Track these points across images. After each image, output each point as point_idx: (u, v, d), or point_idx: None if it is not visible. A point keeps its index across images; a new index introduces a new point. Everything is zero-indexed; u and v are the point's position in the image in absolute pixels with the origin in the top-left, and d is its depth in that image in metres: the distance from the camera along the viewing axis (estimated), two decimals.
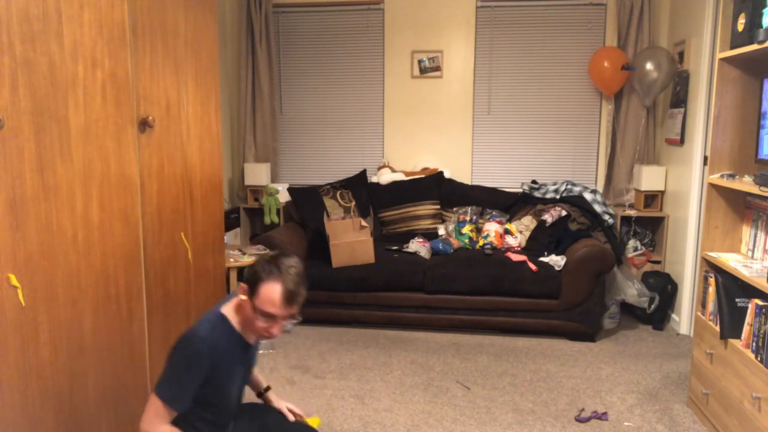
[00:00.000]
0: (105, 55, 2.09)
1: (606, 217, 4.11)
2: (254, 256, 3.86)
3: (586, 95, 4.66)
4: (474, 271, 3.80)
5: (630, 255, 4.36)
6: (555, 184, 4.42)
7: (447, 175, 4.71)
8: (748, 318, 2.41)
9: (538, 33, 4.64)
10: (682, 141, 4.02)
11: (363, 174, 4.79)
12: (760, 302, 2.30)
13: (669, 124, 4.28)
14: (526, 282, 3.74)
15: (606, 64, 4.31)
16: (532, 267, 3.77)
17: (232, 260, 3.75)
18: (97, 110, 2.05)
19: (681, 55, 4.08)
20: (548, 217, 4.13)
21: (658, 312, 3.98)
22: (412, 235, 4.43)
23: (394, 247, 4.20)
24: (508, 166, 4.82)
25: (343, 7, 4.83)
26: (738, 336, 2.50)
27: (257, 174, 4.81)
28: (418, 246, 4.11)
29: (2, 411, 1.67)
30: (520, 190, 4.61)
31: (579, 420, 2.80)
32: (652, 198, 4.44)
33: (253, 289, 1.69)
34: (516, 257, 3.89)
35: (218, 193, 3.05)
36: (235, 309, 1.80)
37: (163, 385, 1.67)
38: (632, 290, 3.84)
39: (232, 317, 1.79)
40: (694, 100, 3.85)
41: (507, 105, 4.76)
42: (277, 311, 1.67)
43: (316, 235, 4.18)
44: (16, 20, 1.68)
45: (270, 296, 1.66)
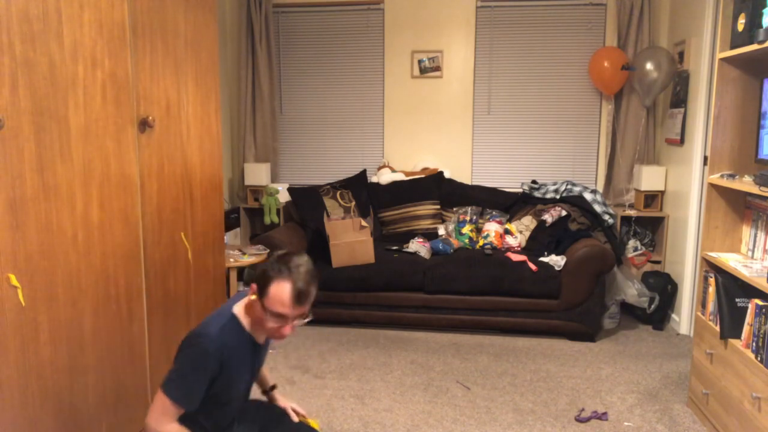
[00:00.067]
0: (105, 55, 2.09)
1: (606, 217, 4.11)
2: (254, 256, 3.86)
3: (586, 95, 4.66)
4: (474, 271, 3.80)
5: (630, 255, 4.36)
6: (555, 184, 4.42)
7: (447, 175, 4.71)
8: (748, 318, 2.41)
9: (538, 33, 4.64)
10: (682, 141, 4.02)
11: (363, 174, 4.79)
12: (760, 302, 2.30)
13: (669, 124, 4.28)
14: (526, 282, 3.74)
15: (606, 64, 4.31)
16: (532, 267, 3.77)
17: (232, 260, 3.76)
18: (97, 110, 2.05)
19: (681, 55, 4.08)
20: (548, 217, 4.13)
21: (658, 312, 3.98)
22: (412, 235, 4.43)
23: (394, 247, 4.20)
24: (508, 166, 4.82)
25: (343, 7, 4.83)
26: (738, 336, 2.50)
27: (257, 174, 4.81)
28: (418, 246, 4.11)
29: (2, 411, 1.67)
30: (520, 190, 4.61)
31: (579, 420, 2.80)
32: (652, 198, 4.44)
33: (263, 289, 1.66)
34: (516, 257, 3.89)
35: (218, 193, 3.05)
36: (245, 309, 1.77)
37: (170, 382, 1.65)
38: (632, 290, 3.84)
39: (243, 317, 1.77)
40: (694, 100, 3.85)
41: (507, 105, 4.76)
42: (286, 311, 1.64)
43: (316, 235, 4.18)
44: (16, 20, 1.68)
45: (279, 296, 1.63)
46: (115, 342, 2.20)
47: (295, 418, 2.00)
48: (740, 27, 2.48)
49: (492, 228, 4.24)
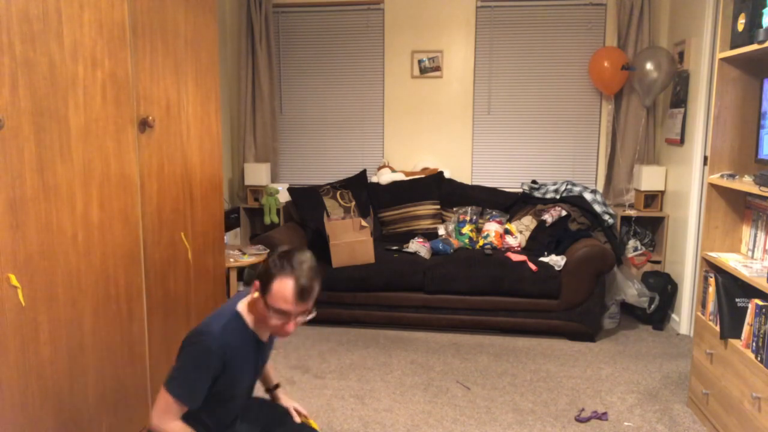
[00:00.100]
0: (105, 55, 2.09)
1: (606, 217, 4.11)
2: (254, 256, 3.86)
3: (586, 95, 4.66)
4: (474, 271, 3.80)
5: (630, 255, 4.36)
6: (555, 184, 4.42)
7: (447, 175, 4.72)
8: (748, 318, 2.41)
9: (538, 33, 4.64)
10: (682, 141, 4.02)
11: (363, 174, 4.79)
12: (760, 302, 2.30)
13: (669, 124, 4.28)
14: (526, 282, 3.74)
15: (606, 64, 4.31)
16: (532, 267, 3.77)
17: (232, 260, 3.76)
18: (97, 110, 2.05)
19: (681, 55, 4.08)
20: (548, 217, 4.13)
21: (658, 312, 3.98)
22: (412, 235, 4.43)
23: (394, 247, 4.20)
24: (508, 166, 4.82)
25: (343, 7, 4.83)
26: (738, 336, 2.50)
27: (257, 174, 4.81)
28: (418, 246, 4.11)
29: (2, 411, 1.67)
30: (520, 190, 4.61)
31: (579, 420, 2.80)
32: (652, 198, 4.44)
33: (265, 286, 1.65)
34: (516, 257, 3.89)
35: (218, 193, 3.05)
36: (249, 307, 1.76)
37: (172, 380, 1.65)
38: (632, 290, 3.84)
39: (246, 315, 1.76)
40: (694, 100, 3.85)
41: (507, 105, 4.76)
42: (289, 308, 1.63)
43: (316, 235, 4.18)
44: (16, 20, 1.68)
45: (282, 292, 1.62)
46: (115, 342, 2.20)
47: (297, 419, 1.99)
48: (740, 27, 2.48)
49: (492, 228, 4.24)
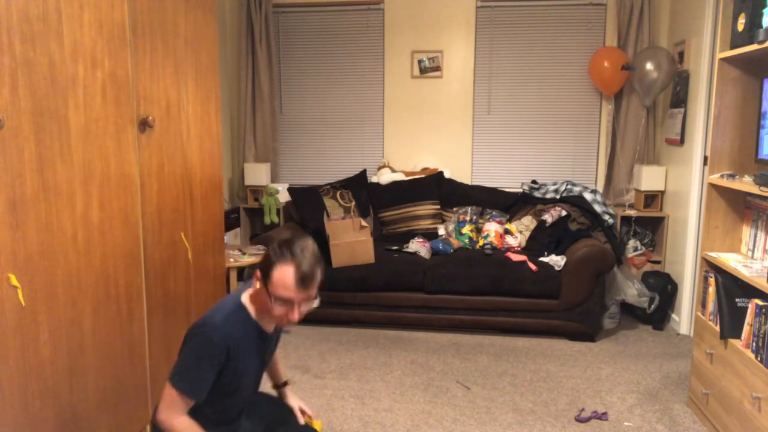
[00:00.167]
0: (105, 55, 2.09)
1: (606, 217, 4.11)
2: (254, 256, 3.86)
3: (586, 95, 4.66)
4: (474, 271, 3.80)
5: (630, 255, 4.36)
6: (555, 184, 4.42)
7: (447, 175, 4.72)
8: (748, 318, 2.41)
9: (538, 33, 4.64)
10: (682, 141, 4.02)
11: (363, 174, 4.79)
12: (760, 302, 2.30)
13: (669, 124, 4.28)
14: (526, 282, 3.74)
15: (606, 64, 4.31)
16: (532, 267, 3.77)
17: (232, 260, 3.76)
18: (97, 110, 2.05)
19: (681, 55, 4.08)
20: (548, 217, 4.13)
21: (658, 312, 3.98)
22: (412, 235, 4.43)
23: (394, 247, 4.20)
24: (508, 166, 4.82)
25: (343, 7, 4.83)
26: (738, 336, 2.50)
27: (257, 174, 4.81)
28: (418, 246, 4.11)
29: (2, 411, 1.67)
30: (520, 190, 4.61)
31: (579, 420, 2.80)
32: (652, 198, 4.44)
33: (266, 275, 1.62)
34: (516, 257, 3.89)
35: (218, 193, 3.05)
36: (251, 298, 1.75)
37: (176, 374, 1.63)
38: (632, 290, 3.84)
39: (249, 306, 1.74)
40: (694, 100, 3.85)
41: (507, 105, 4.76)
42: (291, 295, 1.60)
43: (316, 235, 4.18)
44: (16, 20, 1.68)
45: (283, 279, 1.59)
46: (115, 342, 2.20)
47: (301, 419, 1.98)
48: (740, 27, 2.48)
49: (492, 228, 4.24)
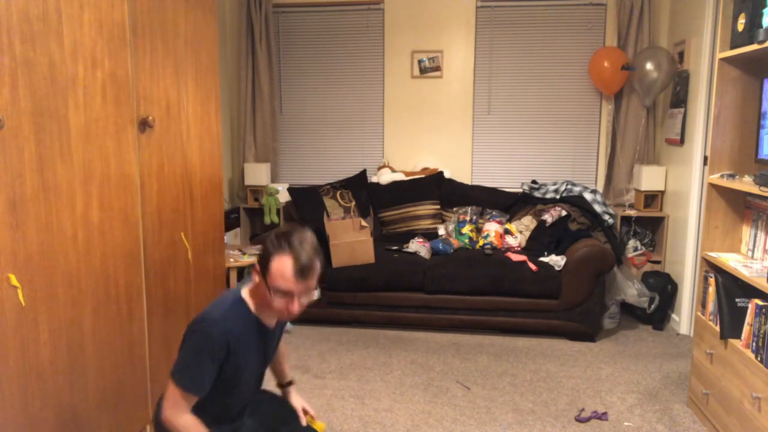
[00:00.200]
0: (105, 55, 2.09)
1: (606, 217, 4.11)
2: (254, 256, 3.86)
3: (586, 95, 4.66)
4: (474, 271, 3.80)
5: (630, 255, 4.36)
6: (555, 184, 4.42)
7: (447, 175, 4.71)
8: (748, 318, 2.41)
9: (538, 33, 4.64)
10: (682, 141, 4.02)
11: (363, 174, 4.79)
12: (760, 302, 2.30)
13: (669, 124, 4.28)
14: (526, 282, 3.74)
15: (606, 64, 4.31)
16: (532, 267, 3.77)
17: (232, 260, 3.76)
18: (97, 110, 2.05)
19: (681, 55, 4.08)
20: (548, 217, 4.13)
21: (658, 312, 3.98)
22: (412, 235, 4.43)
23: (394, 247, 4.20)
24: (508, 166, 4.82)
25: (343, 7, 4.83)
26: (738, 336, 2.50)
27: (257, 174, 4.81)
28: (418, 246, 4.11)
29: (2, 411, 1.67)
30: (520, 190, 4.61)
31: (579, 420, 2.80)
32: (652, 198, 4.44)
33: (265, 267, 1.62)
34: (516, 257, 3.89)
35: (218, 193, 3.05)
36: (251, 292, 1.74)
37: (177, 371, 1.63)
38: (632, 290, 3.84)
39: (249, 300, 1.73)
40: (694, 100, 3.85)
41: (507, 105, 4.76)
42: (290, 286, 1.59)
43: (316, 235, 4.17)
44: (16, 20, 1.68)
45: (281, 271, 1.58)
46: (115, 342, 2.20)
47: (303, 420, 1.98)
48: (740, 27, 2.48)
49: (492, 228, 4.24)
